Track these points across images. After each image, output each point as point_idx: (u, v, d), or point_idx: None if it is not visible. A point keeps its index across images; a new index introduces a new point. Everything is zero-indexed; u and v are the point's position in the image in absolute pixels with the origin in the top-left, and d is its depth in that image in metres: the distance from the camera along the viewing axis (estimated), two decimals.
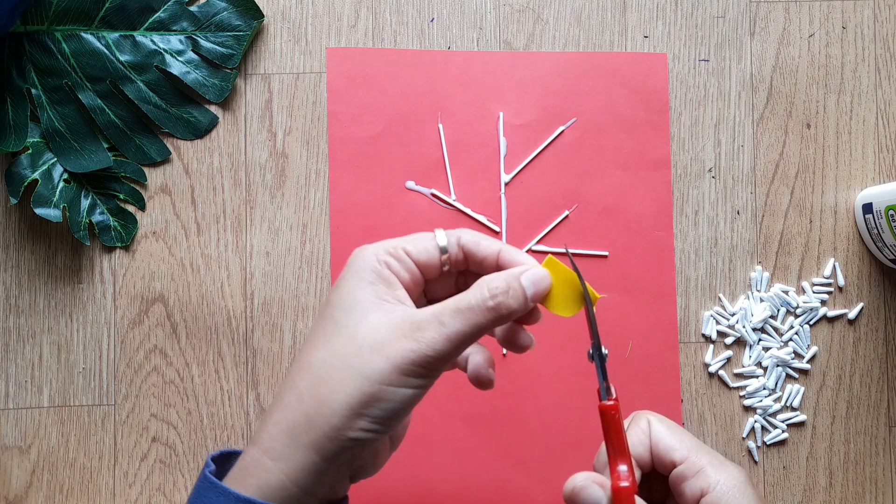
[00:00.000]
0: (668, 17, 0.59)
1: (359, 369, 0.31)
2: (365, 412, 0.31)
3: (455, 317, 0.32)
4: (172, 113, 0.57)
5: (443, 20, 0.58)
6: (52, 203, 0.55)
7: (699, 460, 0.35)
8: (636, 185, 0.58)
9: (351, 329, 0.32)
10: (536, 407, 0.56)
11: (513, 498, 0.56)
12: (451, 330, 0.31)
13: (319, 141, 0.57)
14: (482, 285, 0.32)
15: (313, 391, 0.32)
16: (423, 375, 0.32)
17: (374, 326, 0.32)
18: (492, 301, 0.32)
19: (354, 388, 0.31)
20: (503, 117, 0.58)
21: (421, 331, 0.31)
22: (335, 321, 0.33)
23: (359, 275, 0.33)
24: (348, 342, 0.32)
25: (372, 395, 0.31)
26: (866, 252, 0.58)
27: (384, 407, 0.31)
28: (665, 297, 0.57)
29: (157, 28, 0.56)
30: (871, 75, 0.59)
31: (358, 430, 0.31)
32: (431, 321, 0.32)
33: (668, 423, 0.37)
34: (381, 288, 0.33)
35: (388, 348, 0.31)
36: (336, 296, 0.34)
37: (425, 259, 0.34)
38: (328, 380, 0.31)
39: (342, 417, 0.31)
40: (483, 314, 0.32)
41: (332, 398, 0.31)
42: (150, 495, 0.56)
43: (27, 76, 0.55)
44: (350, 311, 0.32)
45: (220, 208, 0.57)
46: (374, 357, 0.31)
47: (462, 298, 0.32)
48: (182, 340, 0.56)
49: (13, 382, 0.56)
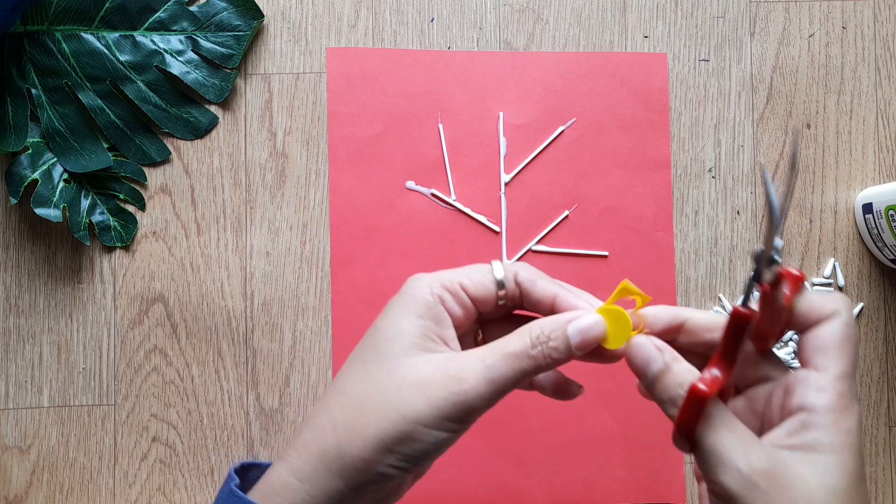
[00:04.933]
0: (668, 17, 0.59)
1: (396, 407, 0.31)
2: (397, 450, 0.31)
3: (499, 361, 0.31)
4: (172, 113, 0.57)
5: (443, 20, 0.58)
6: (52, 203, 0.55)
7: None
8: (636, 185, 0.58)
9: (391, 362, 0.32)
10: (536, 407, 0.56)
11: (513, 498, 0.56)
12: (495, 374, 0.31)
13: (319, 141, 0.57)
14: (526, 332, 0.32)
15: (349, 422, 0.31)
16: (461, 420, 0.31)
17: (416, 363, 0.31)
18: (533, 350, 0.31)
19: (389, 424, 0.30)
20: (503, 117, 0.58)
21: (464, 372, 0.31)
22: (376, 349, 0.32)
23: (408, 306, 0.32)
24: (388, 376, 0.31)
25: (406, 434, 0.30)
26: (866, 252, 0.58)
27: (417, 448, 0.31)
28: (665, 297, 0.57)
29: (157, 28, 0.56)
30: (871, 75, 0.59)
31: (386, 467, 0.31)
32: (476, 364, 0.31)
33: None
34: (430, 324, 0.32)
35: (428, 389, 0.31)
36: (381, 322, 0.33)
37: (482, 294, 0.33)
38: (364, 412, 0.31)
39: (373, 452, 0.31)
40: (526, 361, 0.31)
41: (366, 432, 0.31)
42: (150, 495, 0.56)
43: (27, 76, 0.55)
44: (392, 341, 0.32)
45: (220, 208, 0.57)
46: (414, 395, 0.31)
47: (507, 343, 0.32)
48: (182, 340, 0.56)
49: (13, 382, 0.56)
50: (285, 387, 0.56)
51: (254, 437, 0.56)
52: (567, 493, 0.56)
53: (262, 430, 0.56)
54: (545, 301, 0.33)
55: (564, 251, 0.57)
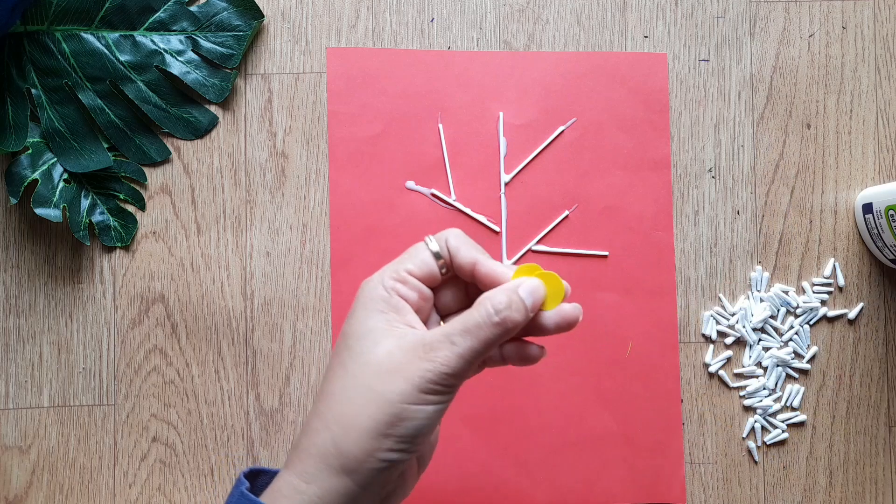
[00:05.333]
0: (668, 17, 0.59)
1: (379, 392, 0.33)
2: (391, 432, 0.33)
3: (464, 336, 0.33)
4: (172, 113, 0.57)
5: (443, 20, 0.58)
6: (52, 203, 0.55)
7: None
8: (636, 185, 0.58)
9: (366, 355, 0.34)
10: (536, 407, 0.56)
11: (513, 498, 0.56)
12: (462, 348, 0.33)
13: (319, 141, 0.57)
14: (485, 303, 0.34)
15: (338, 417, 0.33)
16: (441, 392, 0.33)
17: (388, 351, 0.34)
18: (497, 317, 0.34)
19: (377, 410, 0.33)
20: (503, 117, 0.58)
21: (434, 351, 0.33)
22: (350, 349, 0.35)
23: (368, 305, 0.35)
24: (365, 368, 0.34)
25: (395, 415, 0.33)
26: (866, 252, 0.58)
27: (408, 425, 0.33)
28: (665, 298, 0.57)
29: (157, 28, 0.56)
30: (871, 75, 0.59)
31: (386, 451, 0.33)
32: (443, 341, 0.33)
33: None
34: (392, 315, 0.35)
35: (404, 370, 0.33)
36: (348, 327, 0.35)
37: (427, 272, 0.36)
38: (351, 405, 0.33)
39: (369, 440, 0.33)
40: (490, 330, 0.34)
41: (357, 422, 0.33)
42: (150, 495, 0.56)
43: (27, 76, 0.55)
44: (363, 338, 0.34)
45: (220, 208, 0.57)
46: (392, 379, 0.33)
47: (469, 318, 0.34)
48: (182, 340, 0.56)
49: (13, 382, 0.56)
50: (285, 387, 0.56)
51: (254, 437, 0.56)
52: (567, 493, 0.56)
53: (262, 430, 0.56)
54: (466, 266, 0.36)
55: (564, 251, 0.57)
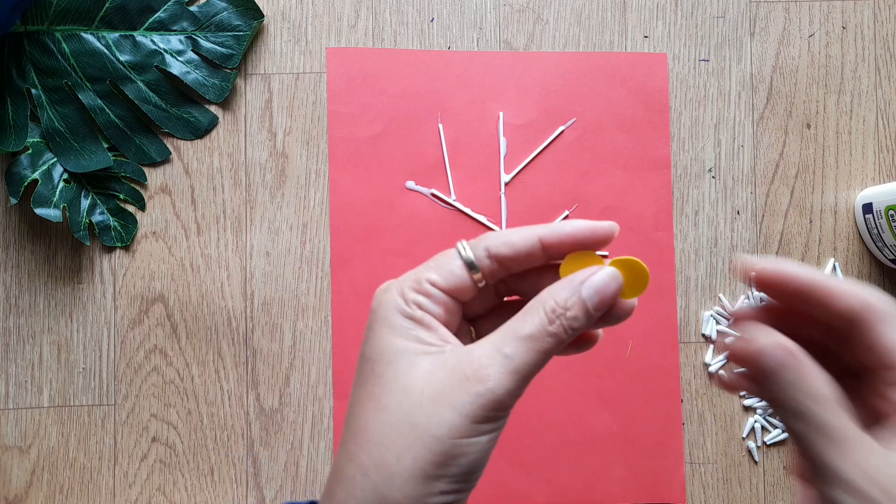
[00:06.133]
0: (668, 17, 0.59)
1: (424, 428, 0.27)
2: (442, 473, 0.27)
3: (518, 346, 0.27)
4: (172, 113, 0.57)
5: (443, 20, 0.58)
6: (52, 203, 0.55)
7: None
8: (636, 185, 0.58)
9: (402, 382, 0.28)
10: (536, 407, 0.56)
11: (513, 498, 0.56)
12: (516, 362, 0.27)
13: (319, 141, 0.57)
14: (538, 308, 0.28)
15: (377, 462, 0.27)
16: (496, 419, 0.27)
17: (428, 375, 0.28)
18: (551, 326, 0.28)
19: (424, 449, 0.27)
20: (503, 117, 0.58)
21: (484, 369, 0.27)
22: (379, 377, 0.28)
23: (390, 322, 0.29)
24: (402, 398, 0.28)
25: (445, 453, 0.27)
26: (866, 252, 0.58)
27: (461, 463, 0.27)
28: (665, 297, 0.57)
29: (157, 28, 0.56)
30: (871, 75, 0.59)
31: (438, 495, 0.27)
32: (493, 356, 0.27)
33: None
34: (421, 331, 0.29)
35: (450, 397, 0.27)
36: (371, 349, 0.29)
37: (455, 284, 0.30)
38: (392, 445, 0.27)
39: (417, 485, 0.27)
40: (546, 341, 0.28)
41: (402, 467, 0.27)
42: (150, 495, 0.56)
43: (27, 76, 0.55)
44: (392, 362, 0.28)
45: (220, 208, 0.57)
46: (438, 410, 0.27)
47: (522, 325, 0.28)
48: (182, 340, 0.56)
49: (13, 382, 0.56)
50: (285, 387, 0.56)
51: (254, 437, 0.56)
52: (567, 493, 0.56)
53: (262, 430, 0.56)
54: (534, 251, 0.29)
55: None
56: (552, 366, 0.56)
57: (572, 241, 0.29)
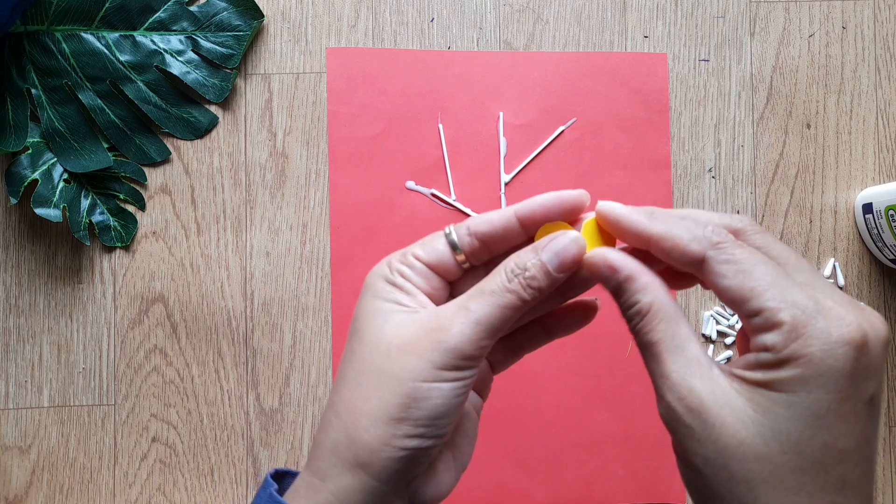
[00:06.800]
0: (668, 17, 0.59)
1: (389, 372, 0.29)
2: (405, 415, 0.29)
3: (480, 301, 0.30)
4: (172, 113, 0.57)
5: (443, 20, 0.58)
6: (52, 203, 0.55)
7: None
8: (636, 185, 0.58)
9: (375, 335, 0.31)
10: (536, 407, 0.56)
11: (513, 498, 0.56)
12: (478, 314, 0.29)
13: (319, 141, 0.57)
14: (500, 269, 0.30)
15: (348, 405, 0.30)
16: (458, 367, 0.29)
17: (399, 327, 0.30)
18: (510, 284, 0.30)
19: (388, 392, 0.29)
20: (503, 117, 0.58)
21: (447, 320, 0.29)
22: (358, 332, 0.31)
23: (374, 288, 0.32)
24: (374, 348, 0.30)
25: (408, 395, 0.29)
26: (866, 252, 0.58)
27: (424, 406, 0.29)
28: None
29: (157, 28, 0.56)
30: (871, 75, 0.59)
31: (402, 438, 0.29)
32: (457, 310, 0.30)
33: None
34: (401, 295, 0.31)
35: (416, 345, 0.29)
36: (357, 312, 0.32)
37: (437, 259, 0.32)
38: (360, 390, 0.30)
39: (382, 425, 0.29)
40: (507, 297, 0.30)
41: (367, 407, 0.29)
42: (150, 495, 0.56)
43: (27, 76, 0.55)
44: (370, 320, 0.31)
45: (220, 208, 0.57)
46: (403, 357, 0.29)
47: (485, 283, 0.30)
48: (182, 340, 0.56)
49: (13, 382, 0.56)
50: (285, 387, 0.56)
51: (254, 437, 0.56)
52: (567, 493, 0.56)
53: (262, 430, 0.56)
54: (511, 228, 0.31)
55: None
56: (552, 366, 0.56)
57: (543, 211, 0.31)
